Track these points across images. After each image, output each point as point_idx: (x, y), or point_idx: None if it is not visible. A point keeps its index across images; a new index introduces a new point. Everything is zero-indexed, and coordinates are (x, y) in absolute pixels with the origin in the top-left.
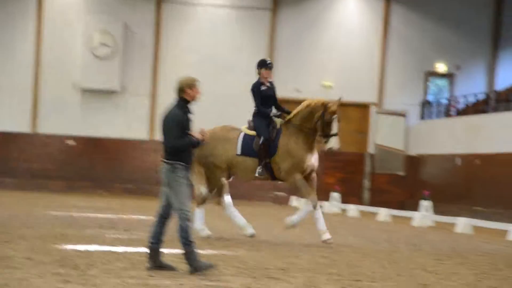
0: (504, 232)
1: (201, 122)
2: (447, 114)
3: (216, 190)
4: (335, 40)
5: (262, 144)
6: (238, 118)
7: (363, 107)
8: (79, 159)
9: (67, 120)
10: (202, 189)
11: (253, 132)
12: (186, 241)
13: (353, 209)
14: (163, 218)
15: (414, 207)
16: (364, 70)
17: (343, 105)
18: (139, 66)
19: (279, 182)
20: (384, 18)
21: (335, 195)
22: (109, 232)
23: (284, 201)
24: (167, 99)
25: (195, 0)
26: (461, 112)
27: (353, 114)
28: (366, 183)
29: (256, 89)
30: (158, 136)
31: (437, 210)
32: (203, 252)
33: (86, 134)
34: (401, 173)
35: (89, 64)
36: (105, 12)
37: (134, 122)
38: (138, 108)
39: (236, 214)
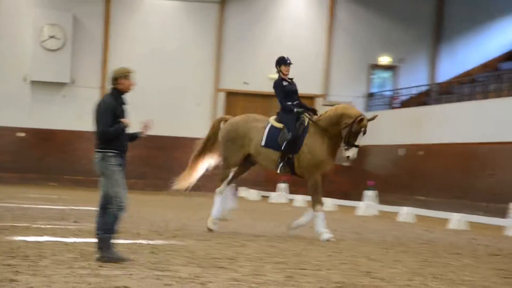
0: (445, 221)
1: (149, 112)
2: (391, 105)
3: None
4: (282, 33)
5: (290, 140)
6: (185, 108)
7: (309, 99)
8: (30, 151)
9: (18, 112)
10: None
11: (279, 125)
12: (110, 229)
13: (299, 199)
14: (105, 208)
15: (359, 197)
16: (310, 62)
17: None
18: (88, 58)
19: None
20: (330, 11)
21: (283, 186)
22: (60, 223)
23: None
24: None
25: None
26: (404, 104)
27: None
28: None
29: (279, 86)
30: None
31: (381, 200)
32: (152, 242)
33: (36, 126)
34: (346, 163)
35: (39, 57)
36: (55, 5)
37: (84, 113)
38: (88, 100)
39: (217, 206)
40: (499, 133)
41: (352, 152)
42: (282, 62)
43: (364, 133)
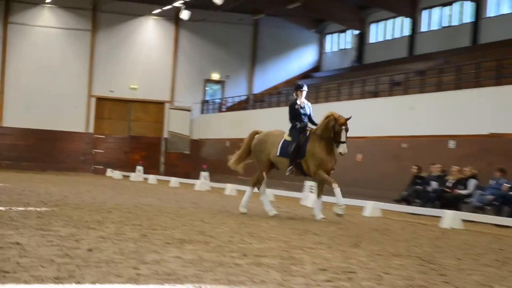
0: (258, 194)
1: (39, 111)
2: (220, 110)
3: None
4: (139, 54)
5: (294, 148)
6: (65, 109)
7: (160, 104)
8: None
9: None
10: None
11: (289, 138)
12: None
13: (152, 178)
14: None
15: (196, 176)
16: (160, 77)
17: (145, 102)
18: None
19: (99, 158)
20: (175, 39)
21: (140, 168)
22: None
23: (101, 172)
24: (12, 96)
25: (33, 22)
26: (229, 109)
27: (153, 109)
28: (162, 159)
29: (291, 107)
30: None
31: (212, 179)
32: (39, 209)
33: None
34: (187, 152)
35: None
36: None
37: None
38: None
39: (265, 202)
40: None
41: (341, 148)
42: (298, 88)
43: (346, 130)
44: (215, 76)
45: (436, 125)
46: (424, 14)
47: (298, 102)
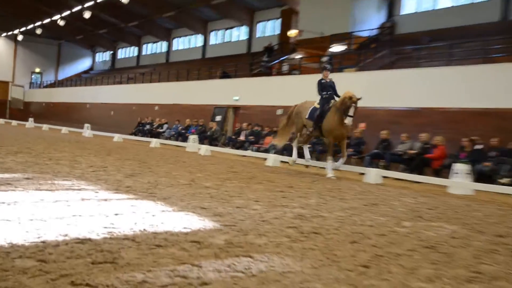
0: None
1: None
2: (40, 87)
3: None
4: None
5: (318, 114)
6: None
7: (5, 83)
8: None
9: None
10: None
11: (318, 106)
12: None
13: (1, 121)
14: None
15: (27, 121)
16: (6, 68)
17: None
18: None
19: None
20: (14, 50)
21: None
22: None
23: None
24: None
25: None
26: (45, 87)
27: (2, 85)
28: (8, 111)
29: (318, 82)
30: None
31: (36, 122)
32: None
33: None
34: (21, 108)
35: None
36: None
37: None
38: None
39: (294, 151)
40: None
41: (348, 120)
42: (323, 68)
43: (355, 108)
44: (38, 69)
45: (169, 97)
46: (144, 46)
47: (323, 77)
